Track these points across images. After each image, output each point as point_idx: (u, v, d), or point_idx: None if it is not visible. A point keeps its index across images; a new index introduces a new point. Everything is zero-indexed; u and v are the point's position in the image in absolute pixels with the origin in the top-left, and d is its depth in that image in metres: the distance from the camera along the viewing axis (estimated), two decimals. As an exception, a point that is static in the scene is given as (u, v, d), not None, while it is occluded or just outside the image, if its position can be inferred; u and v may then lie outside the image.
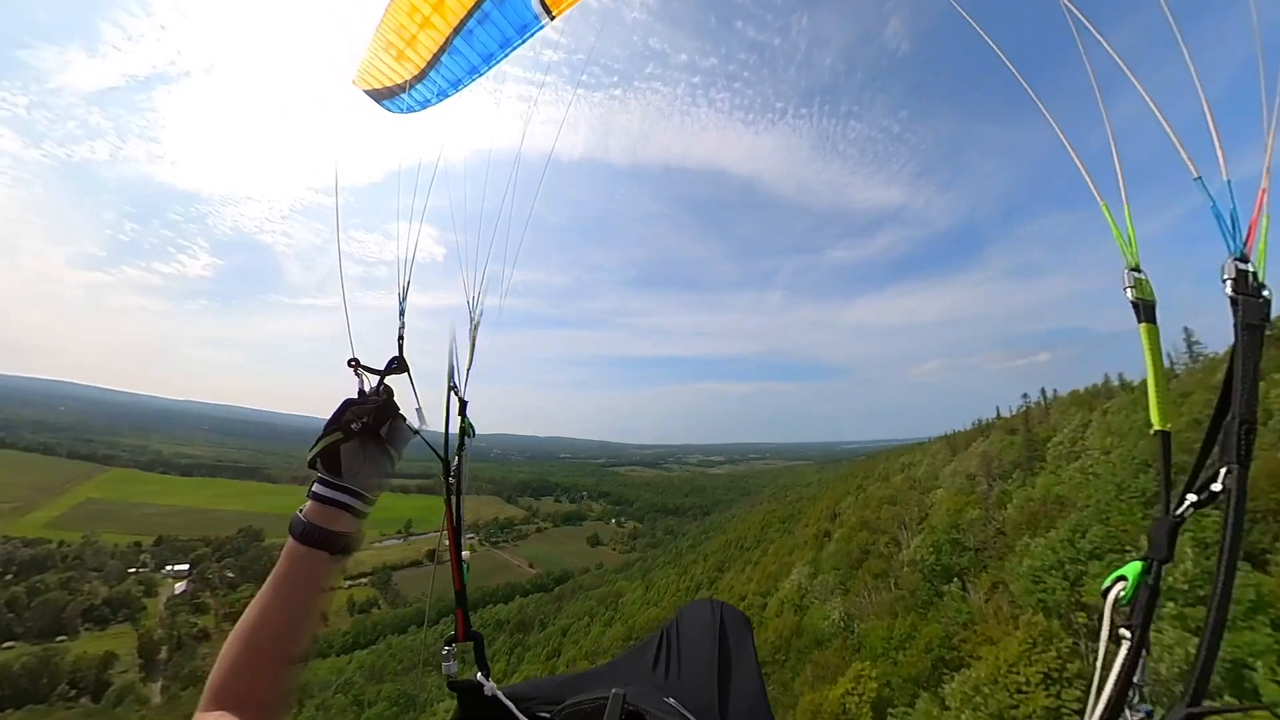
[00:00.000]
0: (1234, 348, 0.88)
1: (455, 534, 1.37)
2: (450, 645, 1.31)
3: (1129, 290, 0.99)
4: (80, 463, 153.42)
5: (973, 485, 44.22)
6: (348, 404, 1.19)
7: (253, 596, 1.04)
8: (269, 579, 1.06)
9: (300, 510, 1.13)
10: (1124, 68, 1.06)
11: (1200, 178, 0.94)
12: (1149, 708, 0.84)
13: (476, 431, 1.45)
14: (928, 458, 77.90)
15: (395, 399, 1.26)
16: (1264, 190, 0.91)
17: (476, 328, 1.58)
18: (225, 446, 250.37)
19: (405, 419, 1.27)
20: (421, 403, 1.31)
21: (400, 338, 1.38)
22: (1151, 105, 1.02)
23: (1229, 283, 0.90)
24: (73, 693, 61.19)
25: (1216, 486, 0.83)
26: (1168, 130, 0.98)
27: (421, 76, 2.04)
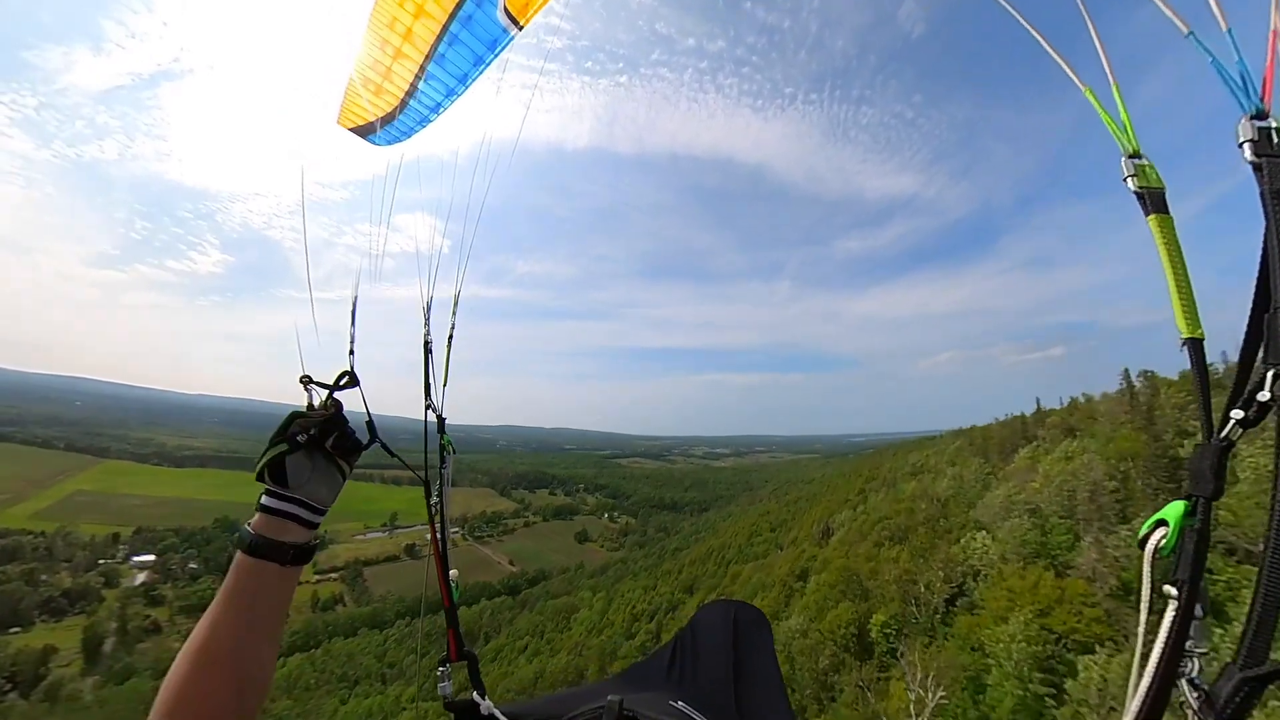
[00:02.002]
0: (1267, 224, 0.73)
1: (441, 555, 1.38)
2: (444, 666, 1.29)
3: (1131, 180, 0.89)
4: (76, 455, 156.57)
5: (1058, 538, 28.89)
6: (294, 417, 1.19)
7: (213, 589, 1.02)
8: (219, 592, 1.01)
9: (248, 523, 1.09)
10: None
11: (1193, 33, 0.83)
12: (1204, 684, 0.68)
13: (472, 430, 1.35)
14: (944, 461, 67.50)
15: (344, 412, 1.26)
16: (1276, 31, 0.76)
17: (450, 341, 1.58)
18: (230, 438, 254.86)
19: (354, 431, 1.26)
20: (371, 416, 1.33)
21: (350, 352, 1.43)
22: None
23: (1248, 146, 0.76)
24: (10, 687, 60.71)
25: (1264, 395, 0.69)
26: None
27: (402, 107, 2.06)
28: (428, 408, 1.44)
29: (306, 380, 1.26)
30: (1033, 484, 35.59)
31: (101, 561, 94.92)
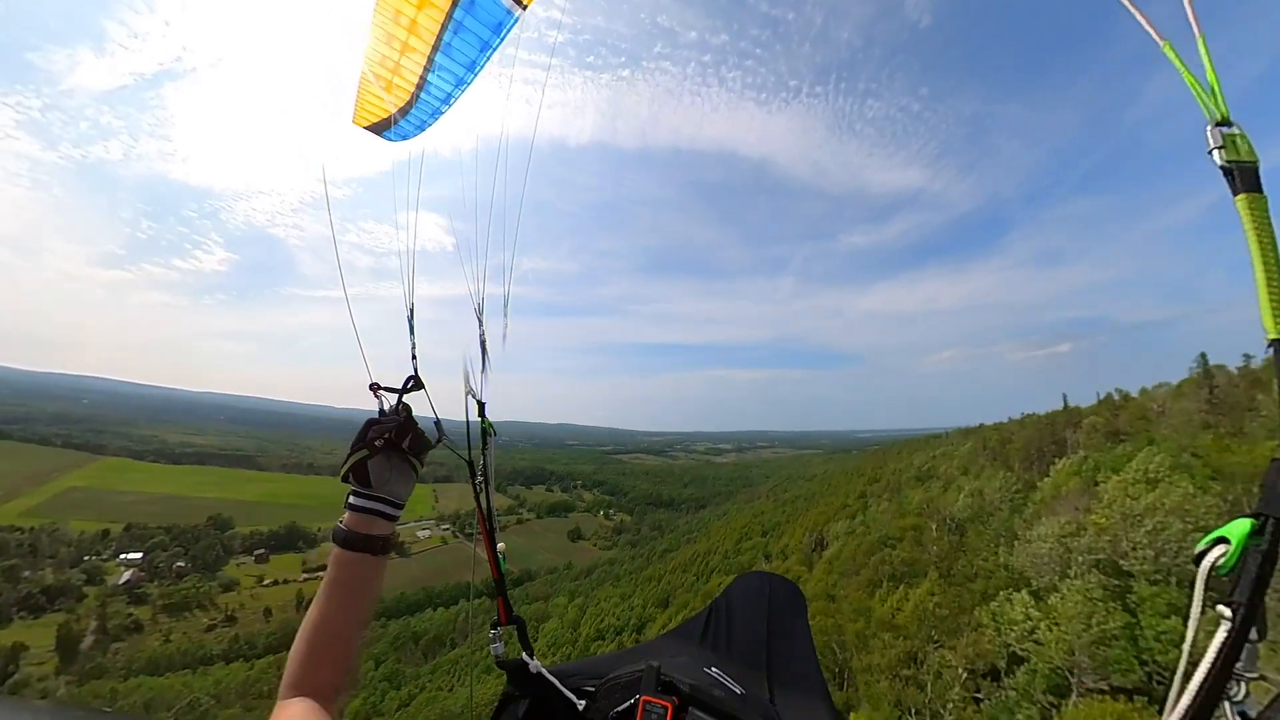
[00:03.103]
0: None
1: (489, 529, 1.54)
2: (496, 629, 1.49)
3: (1218, 152, 0.79)
4: (74, 452, 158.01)
5: (1158, 627, 18.84)
6: (370, 424, 1.30)
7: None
8: (323, 583, 1.20)
9: (340, 520, 1.26)
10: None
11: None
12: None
13: (495, 428, 1.58)
14: (955, 466, 60.77)
15: (414, 414, 1.38)
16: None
17: (484, 337, 1.66)
18: (234, 435, 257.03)
19: (424, 432, 1.38)
20: (439, 418, 1.46)
21: (413, 356, 1.51)
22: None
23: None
24: (-20, 684, 60.70)
25: None
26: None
27: (414, 101, 2.07)
28: (468, 394, 1.54)
29: (375, 388, 1.35)
30: (1095, 517, 25.11)
31: (86, 558, 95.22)
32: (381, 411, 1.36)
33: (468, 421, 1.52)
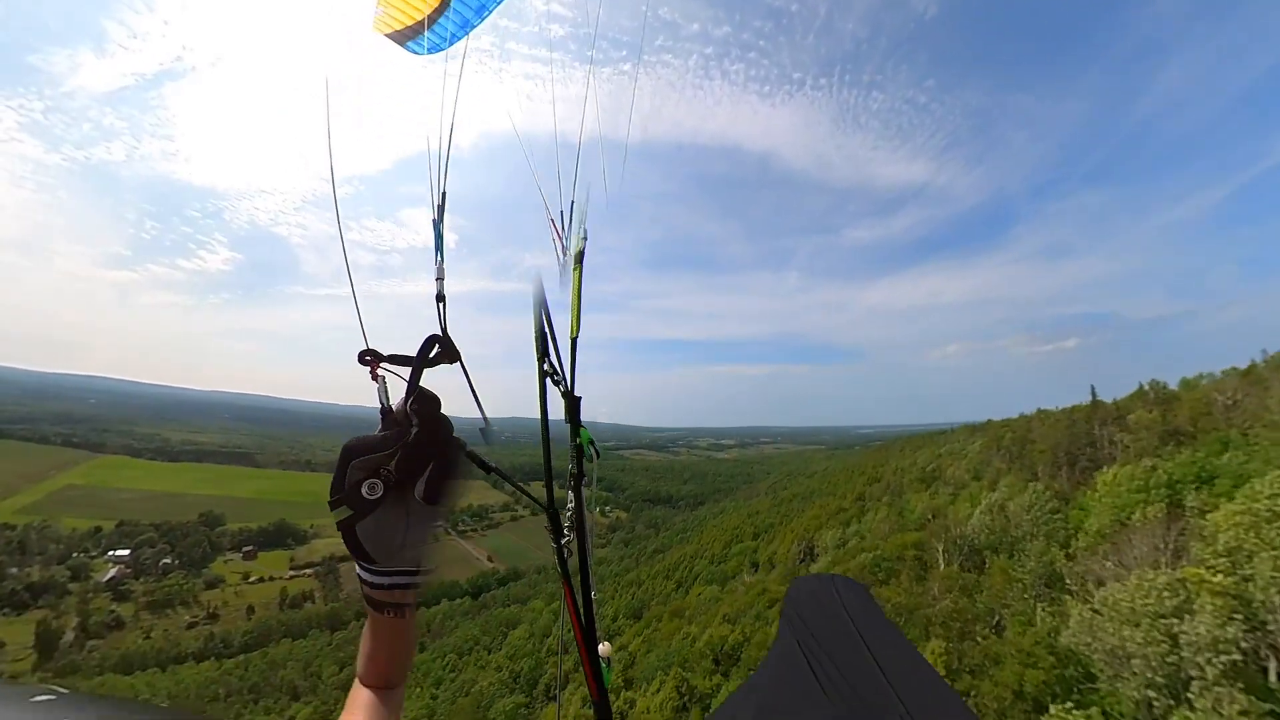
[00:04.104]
0: None
1: (586, 620, 1.17)
2: None
3: None
4: (72, 450, 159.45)
5: None
6: (350, 451, 0.77)
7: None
8: (368, 620, 1.02)
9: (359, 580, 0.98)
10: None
11: None
12: None
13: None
14: (964, 469, 55.26)
15: (440, 410, 0.83)
16: None
17: (579, 284, 1.33)
18: (236, 433, 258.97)
19: (461, 448, 0.84)
20: (486, 414, 0.94)
21: (440, 297, 0.95)
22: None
23: None
24: (-44, 681, 60.73)
25: None
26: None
27: (442, 9, 1.98)
28: (545, 376, 1.15)
29: (372, 360, 0.82)
30: (1215, 576, 15.67)
31: (75, 555, 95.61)
32: (384, 410, 0.81)
33: (544, 427, 0.97)
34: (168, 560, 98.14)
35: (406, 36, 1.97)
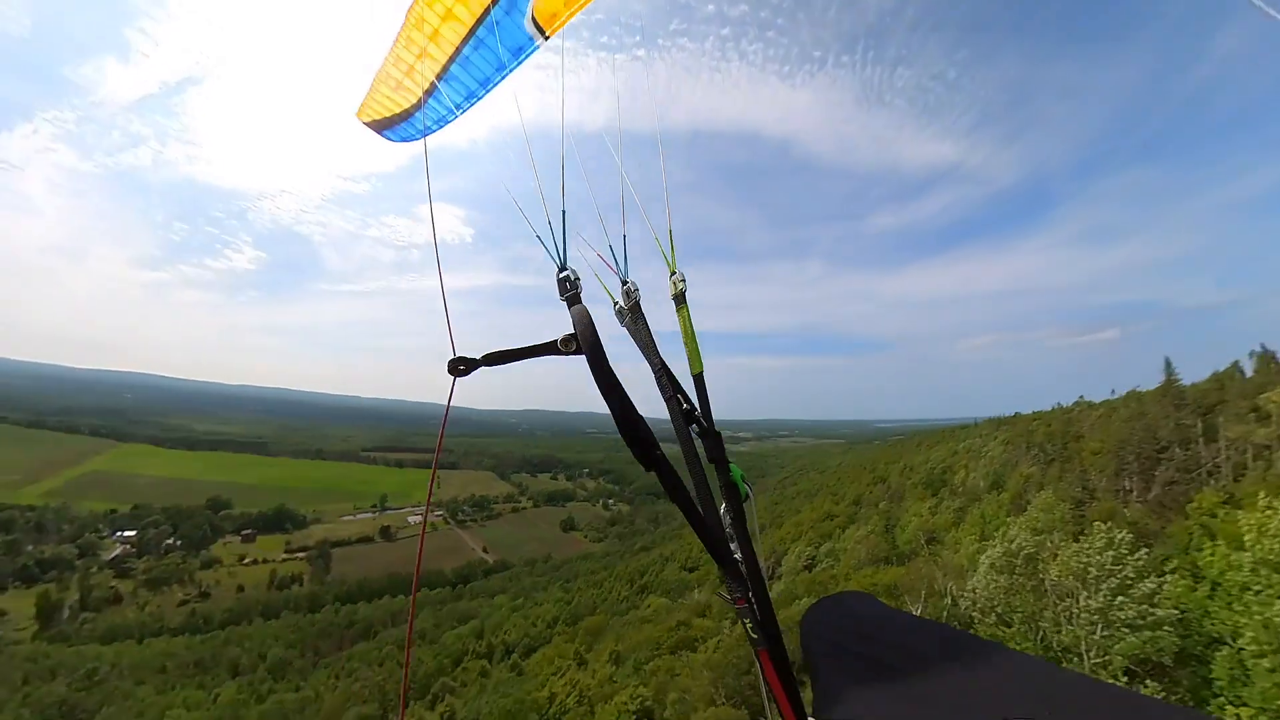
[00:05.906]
0: None
1: (791, 696, 1.11)
2: None
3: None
4: (99, 439, 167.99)
5: None
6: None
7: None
8: None
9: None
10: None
11: None
12: None
13: (498, 414, 1.17)
14: (981, 471, 48.77)
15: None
16: None
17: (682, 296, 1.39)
18: (259, 424, 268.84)
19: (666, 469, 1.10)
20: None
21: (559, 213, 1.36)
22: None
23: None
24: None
25: None
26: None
27: (420, 105, 2.11)
28: (672, 404, 1.19)
29: (465, 367, 1.05)
30: None
31: (86, 535, 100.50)
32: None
33: (694, 468, 0.98)
34: (170, 541, 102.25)
35: (383, 126, 2.09)
